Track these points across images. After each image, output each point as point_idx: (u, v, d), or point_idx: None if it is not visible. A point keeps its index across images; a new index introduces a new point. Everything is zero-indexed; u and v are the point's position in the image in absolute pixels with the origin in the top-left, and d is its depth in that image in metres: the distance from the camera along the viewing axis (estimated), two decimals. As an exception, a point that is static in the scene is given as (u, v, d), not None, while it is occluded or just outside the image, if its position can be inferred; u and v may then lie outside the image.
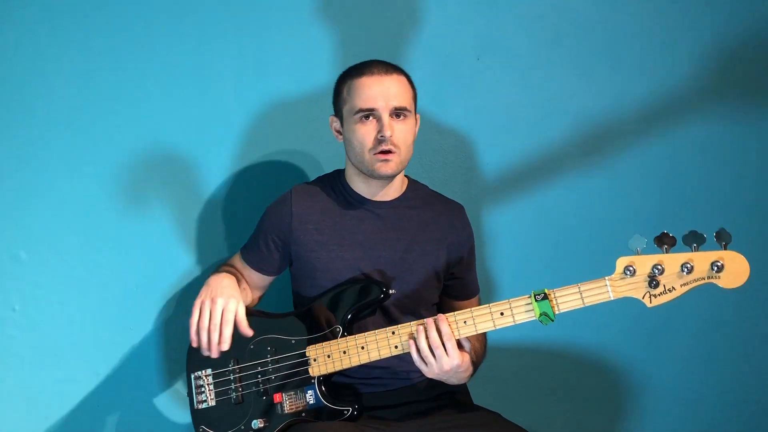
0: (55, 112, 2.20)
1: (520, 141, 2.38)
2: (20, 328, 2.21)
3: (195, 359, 1.95)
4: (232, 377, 1.91)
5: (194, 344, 1.86)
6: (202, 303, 1.87)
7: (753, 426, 2.51)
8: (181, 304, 2.29)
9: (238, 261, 2.07)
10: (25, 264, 2.21)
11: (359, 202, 1.99)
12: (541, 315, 1.69)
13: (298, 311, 1.94)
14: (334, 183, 2.03)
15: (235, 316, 1.85)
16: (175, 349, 2.28)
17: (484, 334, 2.01)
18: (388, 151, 1.88)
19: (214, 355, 1.85)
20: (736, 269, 1.59)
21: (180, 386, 2.30)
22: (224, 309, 1.85)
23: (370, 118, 1.89)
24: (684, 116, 2.38)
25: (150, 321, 2.28)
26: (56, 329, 2.23)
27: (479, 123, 2.37)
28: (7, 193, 2.19)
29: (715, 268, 1.59)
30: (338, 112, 1.98)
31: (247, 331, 1.86)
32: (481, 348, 1.98)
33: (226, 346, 1.84)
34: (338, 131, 1.99)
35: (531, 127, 2.38)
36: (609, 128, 2.37)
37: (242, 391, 1.90)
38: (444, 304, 2.08)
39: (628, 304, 2.30)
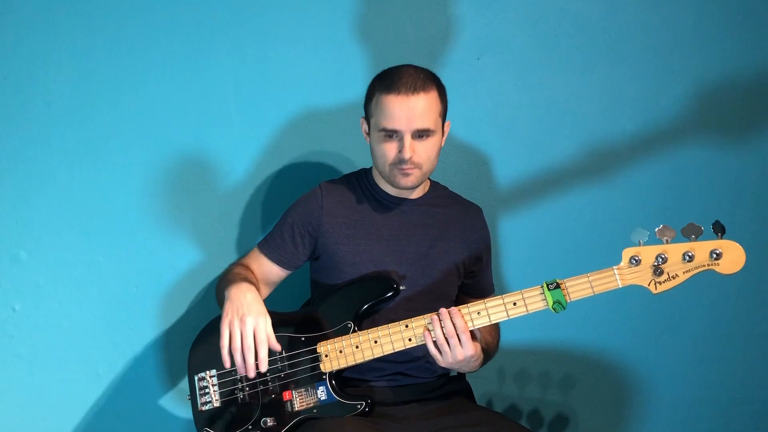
0: (55, 112, 2.20)
1: (521, 141, 2.40)
2: (20, 328, 2.21)
3: (197, 360, 1.94)
4: (239, 377, 1.89)
5: (227, 365, 1.80)
6: (231, 323, 1.78)
7: (754, 426, 2.54)
8: (181, 304, 2.29)
9: (255, 256, 2.05)
10: (25, 264, 2.20)
11: (386, 199, 2.02)
12: (554, 303, 1.73)
13: (307, 309, 1.96)
14: (361, 180, 2.06)
15: (268, 334, 1.80)
16: (175, 349, 2.28)
17: (497, 329, 2.06)
18: (410, 168, 1.90)
19: (251, 374, 1.78)
20: (733, 257, 1.67)
21: (181, 386, 2.29)
22: (255, 329, 1.78)
23: (393, 137, 1.89)
24: (684, 116, 2.41)
25: (150, 321, 2.28)
26: (56, 329, 2.22)
27: (479, 123, 2.39)
28: (7, 193, 2.19)
29: (714, 256, 1.67)
30: (367, 118, 1.99)
31: (276, 346, 1.81)
32: (493, 341, 2.02)
33: (264, 367, 1.77)
34: (366, 133, 2.01)
35: (531, 127, 2.40)
36: (609, 128, 2.40)
37: (249, 390, 1.88)
38: (460, 302, 2.09)
39: (629, 305, 2.35)
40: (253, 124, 2.30)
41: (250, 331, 1.77)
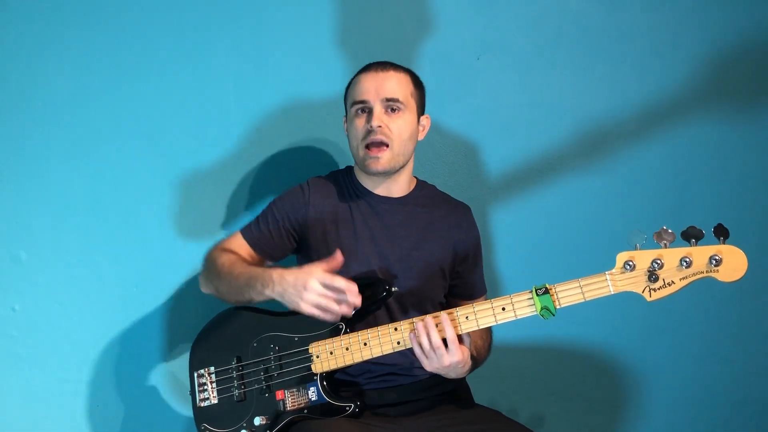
0: (56, 113, 2.21)
1: (520, 141, 2.39)
2: (20, 328, 2.22)
3: (198, 357, 1.96)
4: (234, 375, 1.91)
5: (330, 319, 1.77)
6: (309, 301, 1.75)
7: (753, 426, 2.51)
8: (180, 304, 2.29)
9: (239, 242, 2.04)
10: (25, 264, 2.21)
11: (368, 197, 2.02)
12: (542, 309, 1.69)
13: None
14: (345, 178, 2.06)
15: (328, 277, 1.75)
16: (174, 348, 2.29)
17: (490, 331, 2.03)
18: (379, 143, 1.92)
19: (357, 305, 1.75)
20: (734, 263, 1.59)
21: (180, 385, 2.30)
22: (322, 282, 1.74)
23: (365, 111, 1.95)
24: (682, 116, 2.39)
25: (150, 321, 2.28)
26: (56, 329, 2.23)
27: (479, 123, 2.38)
28: (7, 193, 2.20)
29: (714, 262, 1.60)
30: (345, 109, 2.04)
31: (342, 281, 1.76)
32: (483, 345, 1.98)
33: (354, 299, 1.74)
34: (347, 131, 2.04)
35: (531, 127, 2.39)
36: (608, 128, 2.38)
37: (245, 388, 1.90)
38: (450, 304, 2.08)
39: (629, 304, 2.31)
40: (253, 124, 2.30)
41: (318, 290, 1.74)
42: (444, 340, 1.75)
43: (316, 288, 1.74)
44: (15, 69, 2.18)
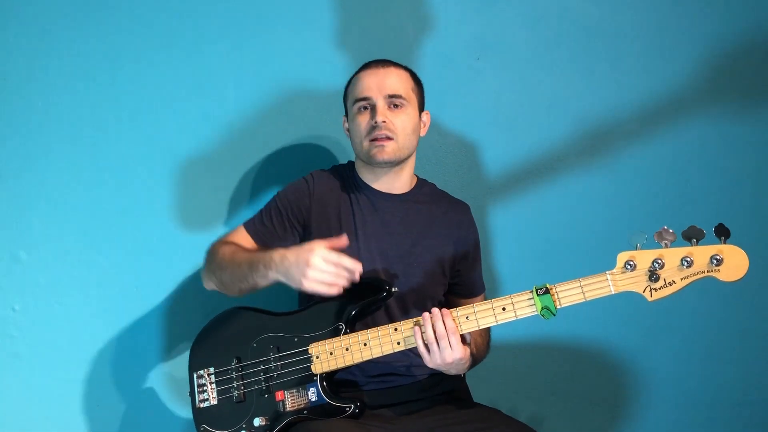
0: (55, 112, 2.21)
1: (520, 141, 2.40)
2: (20, 328, 2.22)
3: (197, 358, 1.96)
4: (234, 375, 1.91)
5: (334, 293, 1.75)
6: (312, 279, 1.72)
7: (754, 426, 2.51)
8: (180, 304, 2.29)
9: (242, 235, 2.03)
10: (25, 264, 2.21)
11: (369, 193, 2.03)
12: (542, 309, 1.69)
13: (301, 310, 1.95)
14: (346, 173, 2.07)
15: (332, 253, 1.73)
16: (174, 348, 2.29)
17: (488, 329, 2.03)
18: (384, 138, 1.94)
19: (359, 269, 1.74)
20: (735, 263, 1.60)
21: (180, 386, 2.29)
22: (324, 258, 1.72)
23: (368, 108, 1.97)
24: (683, 115, 2.39)
25: (150, 321, 2.28)
26: (56, 329, 2.23)
27: (479, 123, 2.38)
28: (7, 193, 2.20)
29: (715, 262, 1.60)
30: (346, 108, 2.05)
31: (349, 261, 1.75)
32: (482, 342, 1.99)
33: (358, 266, 1.74)
34: (347, 130, 2.06)
35: (530, 127, 2.39)
36: (608, 128, 2.39)
37: (244, 389, 1.90)
38: (450, 303, 2.09)
39: (628, 304, 2.32)
40: (253, 122, 2.30)
41: (321, 264, 1.72)
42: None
43: (319, 265, 1.72)
44: (15, 69, 2.18)
